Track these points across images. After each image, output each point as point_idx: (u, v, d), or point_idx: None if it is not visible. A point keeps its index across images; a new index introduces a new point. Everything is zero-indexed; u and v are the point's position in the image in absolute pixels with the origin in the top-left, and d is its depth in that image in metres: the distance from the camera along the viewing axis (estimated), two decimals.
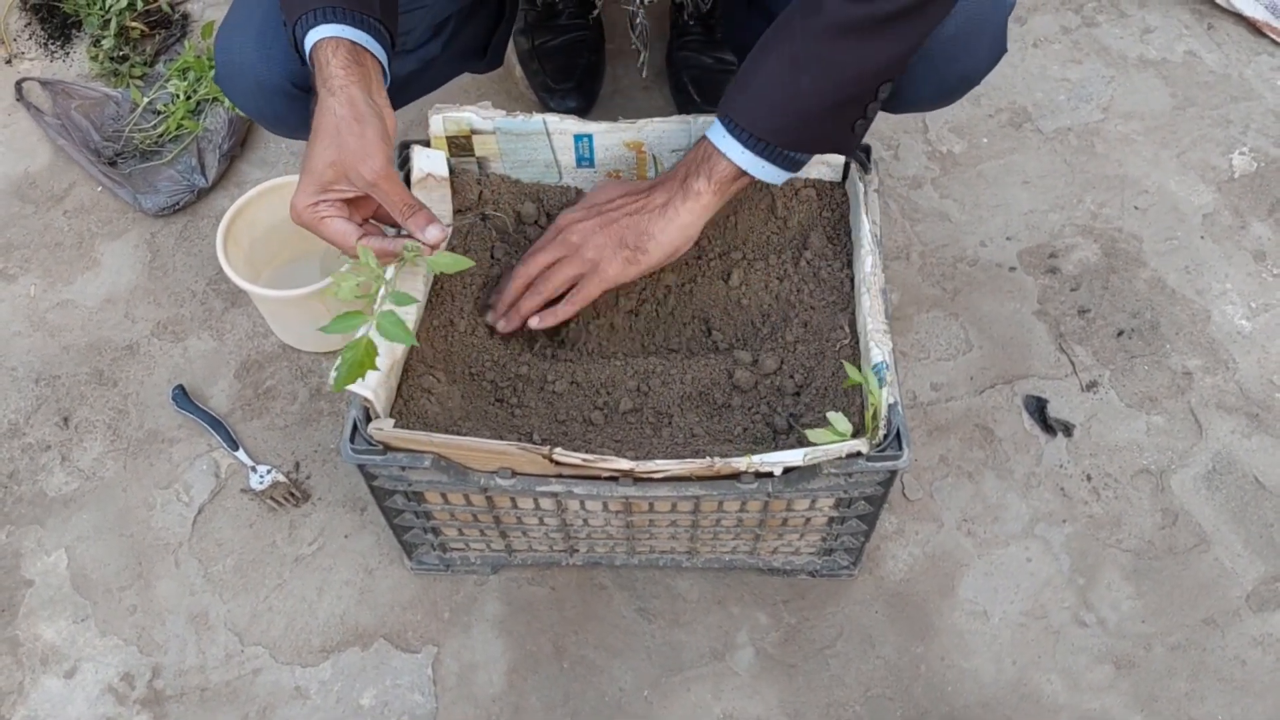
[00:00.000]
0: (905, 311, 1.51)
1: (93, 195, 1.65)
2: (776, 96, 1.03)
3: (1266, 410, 1.42)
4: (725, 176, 1.07)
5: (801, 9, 1.01)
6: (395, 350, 1.06)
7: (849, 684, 1.25)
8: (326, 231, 1.02)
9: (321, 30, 0.99)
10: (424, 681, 1.26)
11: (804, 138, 1.05)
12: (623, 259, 1.10)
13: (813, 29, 1.00)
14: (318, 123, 0.98)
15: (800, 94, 1.02)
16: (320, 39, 0.99)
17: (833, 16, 0.98)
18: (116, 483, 1.40)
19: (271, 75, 1.13)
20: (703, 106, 1.63)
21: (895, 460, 1.00)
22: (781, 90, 1.02)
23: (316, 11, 0.99)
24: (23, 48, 1.83)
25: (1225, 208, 1.60)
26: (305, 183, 1.00)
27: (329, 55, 0.99)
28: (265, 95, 1.15)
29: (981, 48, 1.13)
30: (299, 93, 1.15)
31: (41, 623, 1.30)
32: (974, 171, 1.64)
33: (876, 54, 1.00)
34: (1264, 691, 1.23)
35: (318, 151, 0.98)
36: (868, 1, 0.97)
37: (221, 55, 1.15)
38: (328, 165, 0.98)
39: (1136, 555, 1.32)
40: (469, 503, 1.12)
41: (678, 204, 1.08)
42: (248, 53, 1.13)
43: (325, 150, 0.98)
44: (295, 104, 1.16)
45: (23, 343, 1.52)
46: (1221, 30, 1.79)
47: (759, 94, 1.04)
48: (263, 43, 1.12)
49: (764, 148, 1.04)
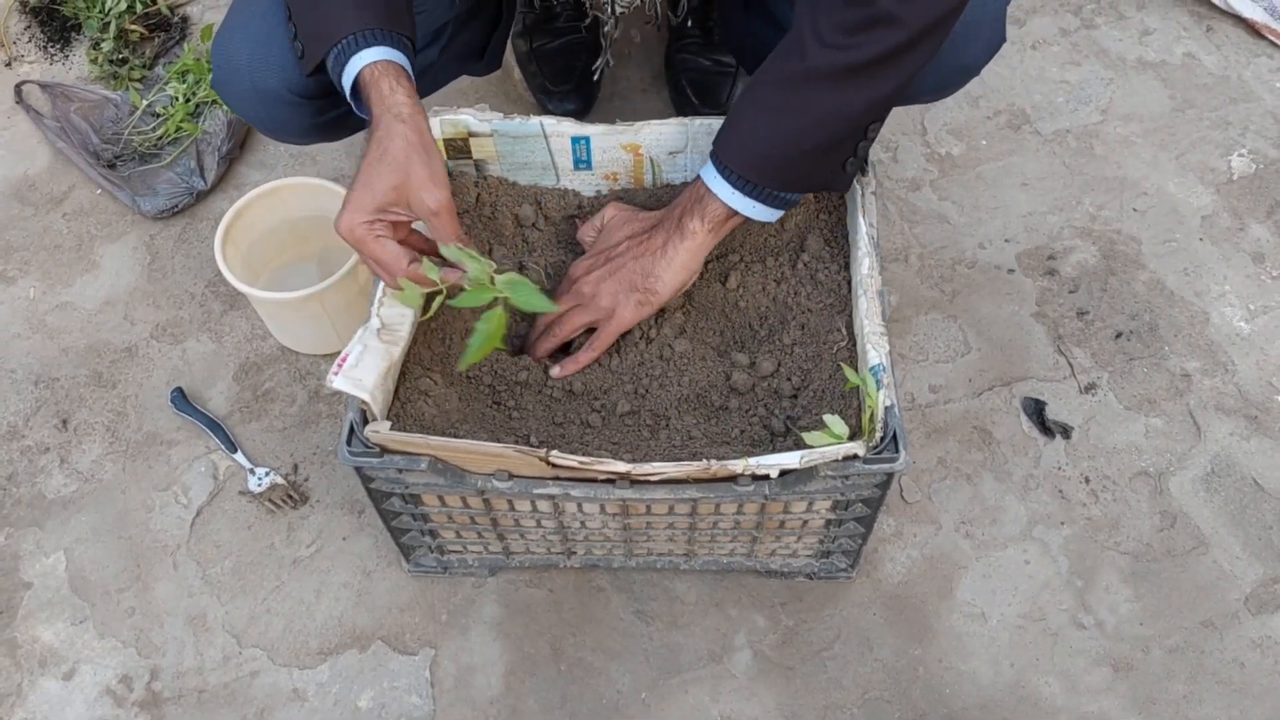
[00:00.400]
0: (904, 313, 1.51)
1: (92, 198, 1.65)
2: (762, 140, 1.04)
3: (1265, 412, 1.42)
4: (718, 217, 1.09)
5: (784, 54, 1.02)
6: (393, 353, 1.06)
7: (847, 686, 1.25)
8: (378, 250, 1.03)
9: (372, 53, 1.01)
10: (421, 683, 1.26)
11: (792, 179, 1.07)
12: (635, 303, 1.12)
13: (794, 74, 1.01)
14: (385, 146, 1.00)
15: (785, 138, 1.03)
16: (372, 62, 1.01)
17: (812, 62, 0.99)
18: (115, 485, 1.40)
19: (269, 81, 1.13)
20: (701, 109, 1.64)
21: (892, 463, 1.00)
22: (767, 134, 1.04)
23: (362, 34, 1.01)
24: (22, 50, 1.83)
25: (1224, 210, 1.60)
26: (362, 200, 1.01)
27: (388, 80, 1.01)
28: (262, 100, 1.15)
29: (980, 38, 1.12)
30: (296, 99, 1.15)
31: (40, 625, 1.31)
32: (972, 173, 1.64)
33: (858, 98, 1.01)
34: (1262, 694, 1.23)
35: (383, 173, 1.00)
36: (846, 50, 0.97)
37: (219, 60, 1.16)
38: (391, 188, 1.00)
39: (1135, 557, 1.32)
40: (466, 505, 1.12)
41: (675, 243, 1.10)
42: (244, 58, 1.13)
43: (391, 174, 1.00)
44: (292, 109, 1.16)
45: (22, 345, 1.52)
46: (1220, 32, 1.79)
47: (746, 137, 1.05)
48: (260, 48, 1.12)
49: (753, 189, 1.06)
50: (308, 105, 1.17)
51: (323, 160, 1.67)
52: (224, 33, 1.16)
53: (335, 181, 1.42)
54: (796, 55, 1.00)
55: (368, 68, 1.01)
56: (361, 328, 1.05)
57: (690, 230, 1.09)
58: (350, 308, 1.38)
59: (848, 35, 0.97)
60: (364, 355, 1.02)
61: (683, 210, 1.10)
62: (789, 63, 1.01)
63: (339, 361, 1.01)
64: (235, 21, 1.15)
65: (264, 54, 1.12)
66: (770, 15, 1.28)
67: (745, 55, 1.43)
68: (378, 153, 1.00)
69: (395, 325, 1.07)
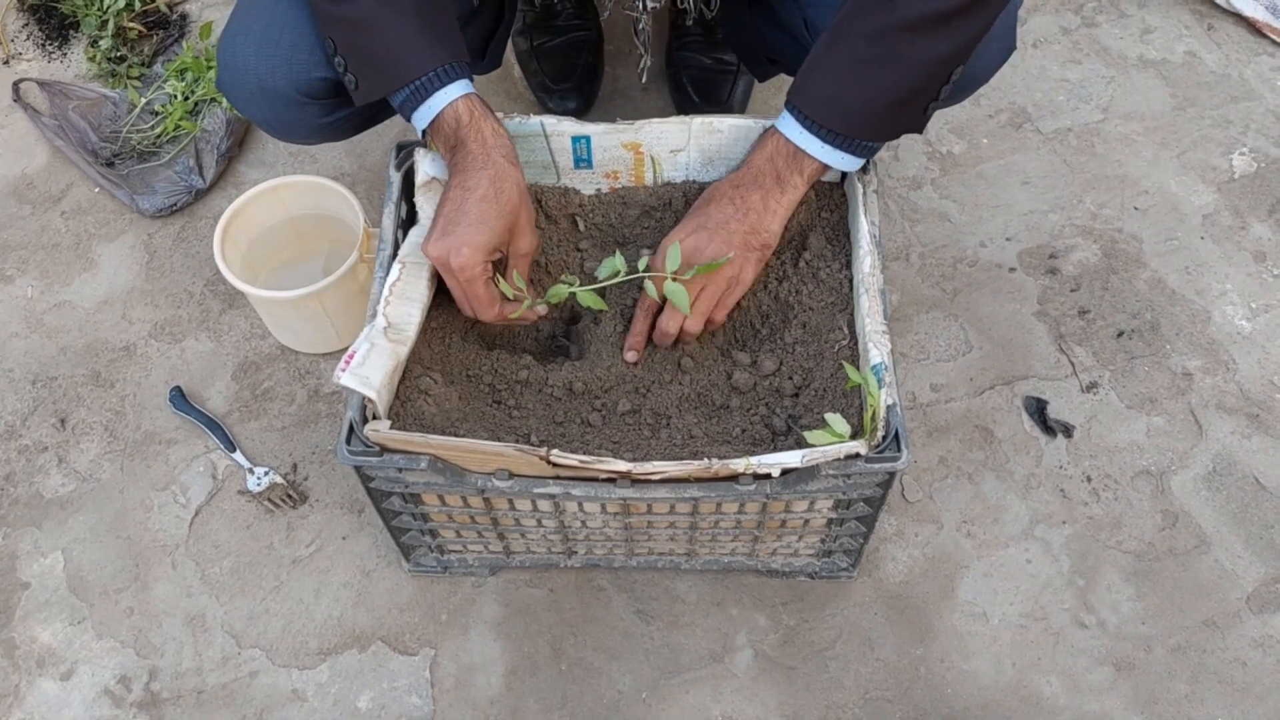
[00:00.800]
0: (905, 312, 1.50)
1: (90, 196, 1.65)
2: (855, 94, 1.06)
3: (1267, 411, 1.41)
4: (814, 171, 1.12)
5: (868, 5, 1.03)
6: (400, 353, 1.06)
7: (848, 686, 1.24)
8: (483, 291, 1.08)
9: (456, 89, 1.07)
10: (421, 684, 1.25)
11: (884, 128, 1.10)
12: (755, 261, 1.13)
13: (885, 26, 1.02)
14: (500, 188, 1.06)
15: (879, 89, 1.06)
16: (458, 97, 1.07)
17: (905, 14, 1.01)
18: (113, 484, 1.39)
19: (275, 81, 1.13)
20: (702, 107, 1.63)
21: (894, 462, 1.00)
22: (860, 87, 1.06)
23: (443, 70, 1.06)
24: (20, 48, 1.82)
25: (1225, 208, 1.59)
26: (479, 240, 1.05)
27: (490, 121, 1.08)
28: (269, 100, 1.15)
29: (993, 47, 1.14)
30: (303, 99, 1.15)
31: (38, 625, 1.30)
32: (974, 172, 1.64)
33: (945, 46, 1.04)
34: (1265, 694, 1.23)
35: (499, 214, 1.06)
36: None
37: (224, 61, 1.15)
38: (505, 230, 1.07)
39: (1137, 557, 1.32)
40: (466, 504, 1.12)
41: (776, 197, 1.12)
42: (251, 59, 1.13)
43: (506, 217, 1.06)
44: (299, 110, 1.16)
45: (20, 344, 1.51)
46: (1221, 30, 1.79)
47: (838, 91, 1.07)
48: (267, 49, 1.12)
49: (844, 141, 1.09)
50: (314, 105, 1.16)
51: (322, 159, 1.67)
52: (230, 33, 1.15)
53: (335, 180, 1.41)
54: (883, 8, 1.02)
55: (459, 102, 1.07)
56: (368, 325, 1.05)
57: (792, 184, 1.12)
58: (349, 306, 1.38)
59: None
60: (371, 353, 1.02)
61: (778, 168, 1.11)
62: (876, 16, 1.02)
63: (346, 359, 1.01)
64: (241, 22, 1.15)
65: (271, 55, 1.12)
66: (774, 14, 1.28)
67: (748, 53, 1.43)
68: (492, 193, 1.05)
69: (402, 325, 1.07)
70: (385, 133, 1.66)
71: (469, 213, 1.05)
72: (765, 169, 1.12)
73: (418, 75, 1.06)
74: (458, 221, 1.05)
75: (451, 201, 1.06)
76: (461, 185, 1.06)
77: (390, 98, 1.09)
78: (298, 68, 1.12)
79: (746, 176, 1.13)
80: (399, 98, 1.08)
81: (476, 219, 1.05)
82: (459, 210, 1.05)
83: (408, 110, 1.09)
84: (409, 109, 1.09)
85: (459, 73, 1.07)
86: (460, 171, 1.06)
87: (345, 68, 1.09)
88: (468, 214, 1.05)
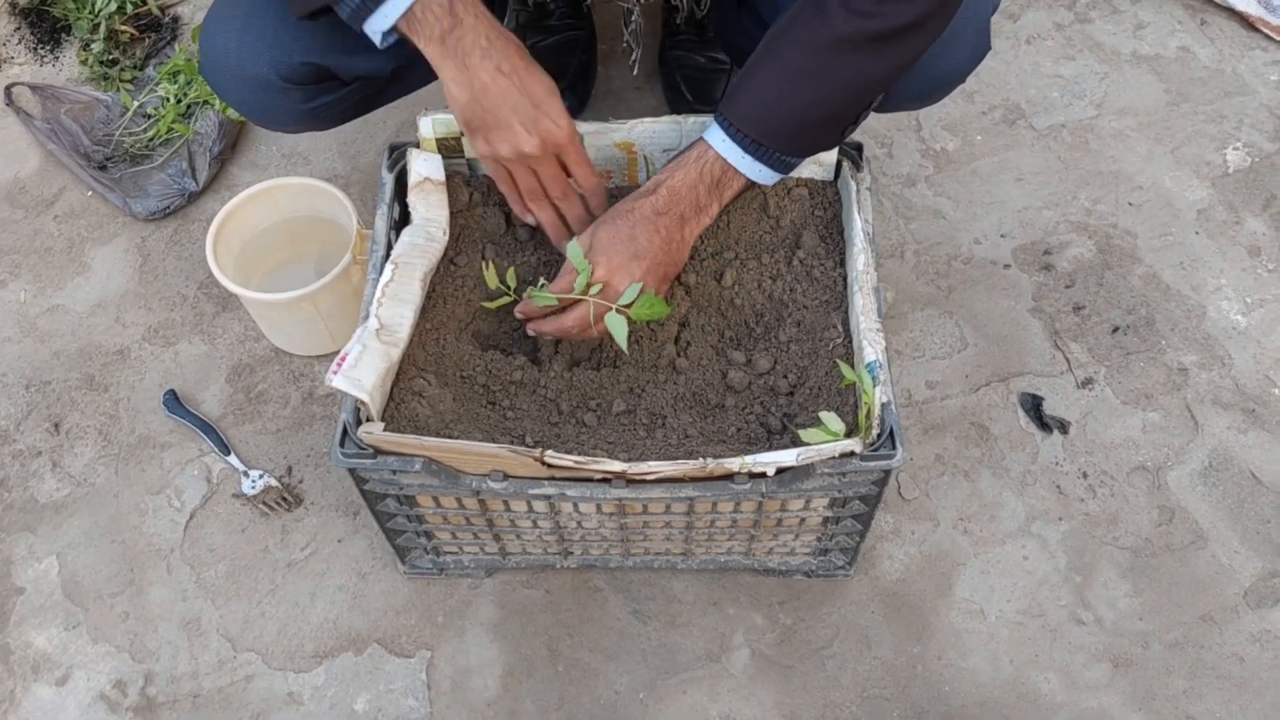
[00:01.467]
0: (900, 309, 1.50)
1: (83, 200, 1.64)
2: (785, 105, 1.06)
3: (1262, 405, 1.41)
4: (734, 189, 1.12)
5: (805, 19, 1.03)
6: (392, 355, 1.05)
7: (846, 685, 1.24)
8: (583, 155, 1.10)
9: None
10: (418, 686, 1.25)
11: (805, 143, 1.11)
12: (668, 290, 1.14)
13: (818, 41, 1.02)
14: (528, 61, 1.04)
15: (808, 103, 1.06)
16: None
17: (839, 31, 1.00)
18: (108, 489, 1.39)
19: (257, 66, 1.13)
20: (696, 106, 1.63)
21: (889, 460, 1.00)
22: (790, 99, 1.05)
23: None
24: (12, 52, 1.82)
25: (1219, 203, 1.59)
26: (560, 106, 1.06)
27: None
28: (250, 87, 1.16)
29: (963, 48, 1.14)
30: (282, 84, 1.15)
31: (33, 630, 1.30)
32: (968, 169, 1.64)
33: (877, 67, 1.03)
34: (1262, 688, 1.23)
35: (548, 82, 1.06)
36: (872, 17, 0.99)
37: (205, 48, 1.16)
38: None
39: (1133, 552, 1.32)
40: (461, 506, 1.12)
41: (693, 227, 1.12)
42: (231, 44, 1.13)
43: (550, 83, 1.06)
44: (279, 95, 1.16)
45: (13, 349, 1.51)
46: (1214, 25, 1.79)
47: (767, 102, 1.06)
48: (246, 35, 1.13)
49: (766, 154, 1.09)
50: (297, 91, 1.17)
51: (315, 160, 1.66)
52: (211, 21, 1.16)
53: (328, 181, 1.41)
54: (819, 20, 1.01)
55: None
56: (360, 327, 1.04)
57: (709, 211, 1.12)
58: (343, 309, 1.37)
59: (874, 3, 0.99)
60: (363, 355, 1.02)
61: (699, 195, 1.10)
62: (812, 27, 1.02)
63: (338, 361, 1.00)
64: (222, 10, 1.15)
65: (251, 41, 1.13)
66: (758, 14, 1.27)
67: (738, 52, 1.43)
68: (534, 65, 1.04)
69: (394, 326, 1.07)
70: (378, 134, 1.66)
71: (532, 91, 1.03)
72: (687, 195, 1.10)
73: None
74: (532, 102, 1.02)
75: (497, 89, 1.01)
76: (496, 68, 1.01)
77: (338, 4, 1.01)
78: (278, 52, 1.12)
79: (672, 203, 1.10)
80: (350, 4, 1.00)
81: (547, 87, 1.04)
82: (520, 90, 1.02)
83: (363, 14, 1.00)
84: (365, 11, 1.00)
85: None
86: (479, 51, 1.01)
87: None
88: (533, 92, 1.03)
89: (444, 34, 1.01)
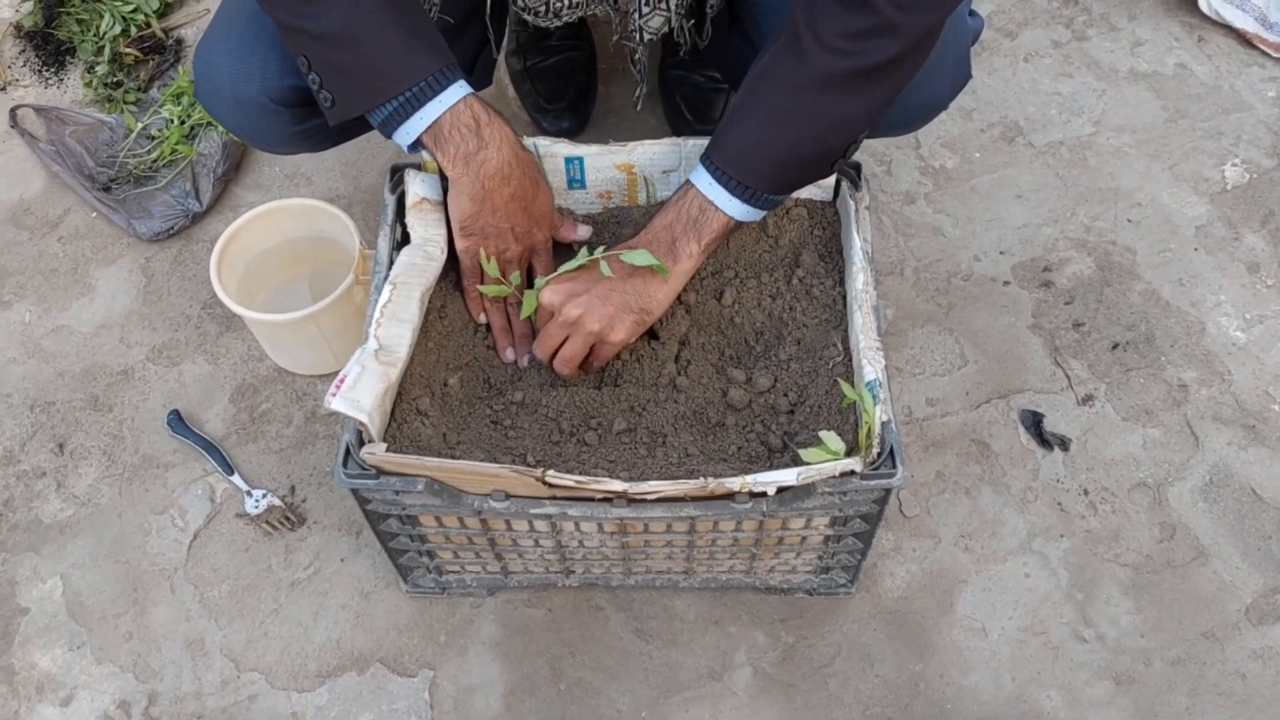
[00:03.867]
0: (900, 327, 1.51)
1: (87, 221, 1.65)
2: (766, 146, 1.07)
3: (1263, 422, 1.42)
4: (715, 231, 1.11)
5: (783, 59, 1.03)
6: (390, 375, 1.06)
7: (848, 703, 1.24)
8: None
9: (460, 88, 1.05)
10: (421, 705, 1.25)
11: (790, 181, 1.12)
12: (632, 323, 1.12)
13: (796, 82, 1.02)
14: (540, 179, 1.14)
15: (790, 143, 1.06)
16: (465, 96, 1.05)
17: (816, 70, 1.01)
18: (112, 509, 1.39)
19: (250, 90, 1.14)
20: (695, 126, 1.64)
21: (889, 479, 1.00)
22: (771, 140, 1.06)
23: (440, 74, 1.04)
24: (17, 75, 1.83)
25: (1218, 219, 1.60)
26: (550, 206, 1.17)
27: (494, 113, 1.08)
28: (243, 109, 1.17)
29: (943, 77, 1.15)
30: (275, 106, 1.16)
31: (37, 651, 1.30)
32: (967, 186, 1.65)
33: (857, 105, 1.04)
34: (1265, 706, 1.23)
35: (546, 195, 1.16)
36: (850, 56, 0.99)
37: (200, 71, 1.17)
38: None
39: (1135, 569, 1.32)
40: (463, 525, 1.12)
41: (669, 267, 1.11)
42: (226, 68, 1.15)
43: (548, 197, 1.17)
44: (273, 118, 1.17)
45: (18, 369, 1.52)
46: (1212, 42, 1.80)
47: (749, 144, 1.07)
48: (240, 58, 1.14)
49: (751, 194, 1.09)
50: (286, 113, 1.18)
51: (318, 181, 1.67)
52: (205, 44, 1.17)
53: (330, 202, 1.42)
54: (795, 60, 1.01)
55: (466, 100, 1.05)
56: (359, 349, 1.05)
57: (687, 253, 1.11)
58: (346, 328, 1.38)
59: (851, 41, 0.98)
60: (362, 376, 1.02)
61: (676, 233, 1.11)
62: (789, 67, 1.02)
63: (337, 382, 1.01)
64: (216, 33, 1.17)
65: (245, 64, 1.14)
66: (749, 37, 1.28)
67: (729, 72, 1.44)
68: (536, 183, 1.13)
69: (393, 346, 1.07)
70: (380, 155, 1.67)
71: (530, 211, 1.12)
72: (663, 235, 1.11)
73: (408, 86, 1.03)
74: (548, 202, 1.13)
75: (502, 210, 1.10)
76: (511, 194, 1.10)
77: (370, 115, 1.06)
78: (270, 75, 1.14)
79: (649, 232, 1.12)
80: (382, 113, 1.05)
81: (543, 212, 1.14)
82: (523, 211, 1.11)
83: (392, 125, 1.05)
84: (394, 123, 1.05)
85: (454, 76, 1.04)
86: (500, 177, 1.08)
87: (320, 84, 1.06)
88: (541, 192, 1.12)
89: (469, 155, 1.07)
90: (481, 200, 1.09)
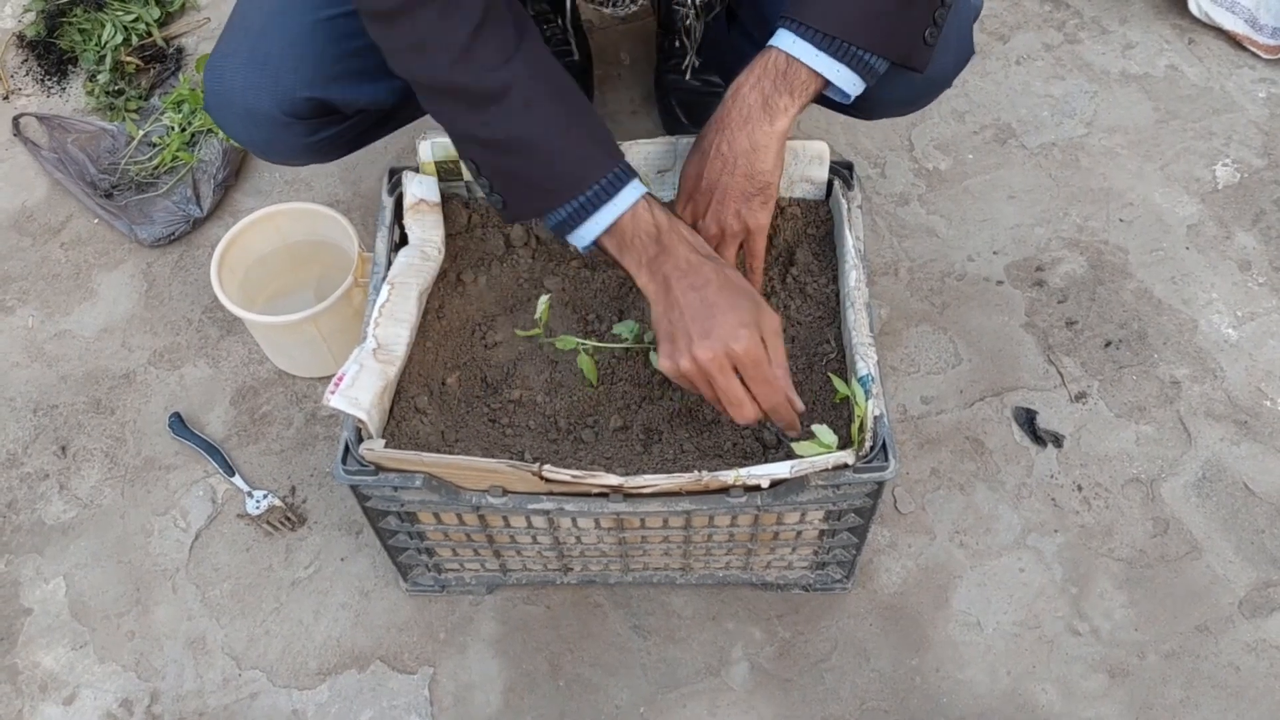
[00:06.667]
0: (894, 326, 1.52)
1: (89, 227, 1.67)
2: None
3: (1255, 417, 1.43)
4: (805, 87, 1.02)
5: None
6: (388, 373, 1.07)
7: (844, 697, 1.25)
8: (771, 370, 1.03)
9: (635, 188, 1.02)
10: (421, 702, 1.26)
11: (880, 36, 1.00)
12: (759, 205, 1.06)
13: None
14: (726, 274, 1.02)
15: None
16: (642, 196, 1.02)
17: None
18: (114, 510, 1.41)
19: (261, 102, 1.15)
20: (690, 129, 1.65)
21: (882, 471, 1.01)
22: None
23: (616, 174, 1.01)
24: (19, 84, 1.85)
25: (1210, 218, 1.61)
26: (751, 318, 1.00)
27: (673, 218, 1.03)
28: (255, 122, 1.17)
29: (948, 52, 1.14)
30: (288, 119, 1.17)
31: (40, 650, 1.31)
32: (960, 187, 1.66)
33: None
34: (1258, 698, 1.24)
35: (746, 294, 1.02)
36: None
37: (211, 84, 1.18)
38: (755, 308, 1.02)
39: (1128, 564, 1.33)
40: (462, 522, 1.13)
41: (765, 129, 1.03)
42: (237, 80, 1.15)
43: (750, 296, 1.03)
44: (282, 129, 1.18)
45: (21, 373, 1.53)
46: (1202, 44, 1.81)
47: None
48: (253, 71, 1.14)
49: (840, 48, 0.99)
50: (299, 125, 1.19)
51: (318, 186, 1.69)
52: (216, 57, 1.18)
53: (330, 206, 1.44)
54: None
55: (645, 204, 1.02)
56: (358, 347, 1.06)
57: (781, 108, 1.02)
58: (345, 330, 1.39)
59: None
60: (360, 374, 1.03)
61: (766, 90, 1.02)
62: None
63: (335, 381, 1.02)
64: (227, 46, 1.17)
65: (256, 76, 1.14)
66: (750, 35, 1.30)
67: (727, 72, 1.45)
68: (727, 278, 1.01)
69: (391, 345, 1.09)
70: (379, 159, 1.69)
71: (718, 303, 0.99)
72: (749, 97, 1.02)
73: (583, 189, 1.00)
74: (713, 315, 0.99)
75: (688, 305, 1.00)
76: (690, 286, 1.00)
77: (545, 218, 1.03)
78: (282, 88, 1.14)
79: (731, 113, 1.03)
80: (559, 215, 1.02)
81: (729, 305, 0.99)
82: (705, 305, 0.99)
83: (568, 228, 1.03)
84: (569, 226, 1.02)
85: (628, 177, 1.02)
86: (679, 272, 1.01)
87: (491, 189, 1.05)
88: (718, 304, 0.99)
89: (650, 260, 1.03)
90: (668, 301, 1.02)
